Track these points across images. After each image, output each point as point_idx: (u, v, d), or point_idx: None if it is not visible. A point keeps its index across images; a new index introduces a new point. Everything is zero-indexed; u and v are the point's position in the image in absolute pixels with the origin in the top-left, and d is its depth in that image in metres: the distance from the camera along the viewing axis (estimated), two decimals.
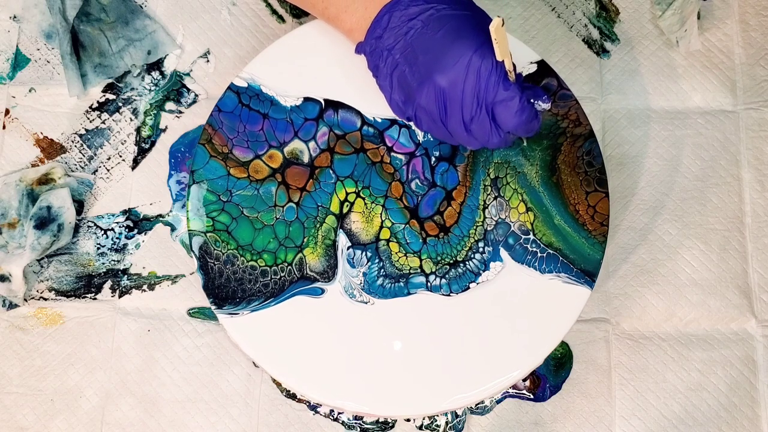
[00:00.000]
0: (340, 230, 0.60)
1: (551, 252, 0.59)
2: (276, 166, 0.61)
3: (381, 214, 0.60)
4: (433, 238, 0.60)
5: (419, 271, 0.59)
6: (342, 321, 0.58)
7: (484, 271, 0.59)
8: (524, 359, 0.57)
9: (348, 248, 0.60)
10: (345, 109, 0.62)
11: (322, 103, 0.62)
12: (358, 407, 0.56)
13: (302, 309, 0.58)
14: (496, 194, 0.61)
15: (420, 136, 0.62)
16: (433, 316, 0.58)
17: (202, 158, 0.61)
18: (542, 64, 0.64)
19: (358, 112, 0.62)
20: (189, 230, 0.60)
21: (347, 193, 0.61)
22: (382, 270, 0.59)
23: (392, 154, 0.62)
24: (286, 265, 0.59)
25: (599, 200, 0.61)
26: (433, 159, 0.61)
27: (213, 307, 0.58)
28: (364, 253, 0.60)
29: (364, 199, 0.61)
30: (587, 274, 0.59)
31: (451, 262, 0.59)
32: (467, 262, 0.59)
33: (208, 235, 0.59)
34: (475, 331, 0.58)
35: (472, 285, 0.59)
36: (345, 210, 0.60)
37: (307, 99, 0.63)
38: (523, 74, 0.62)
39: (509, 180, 0.61)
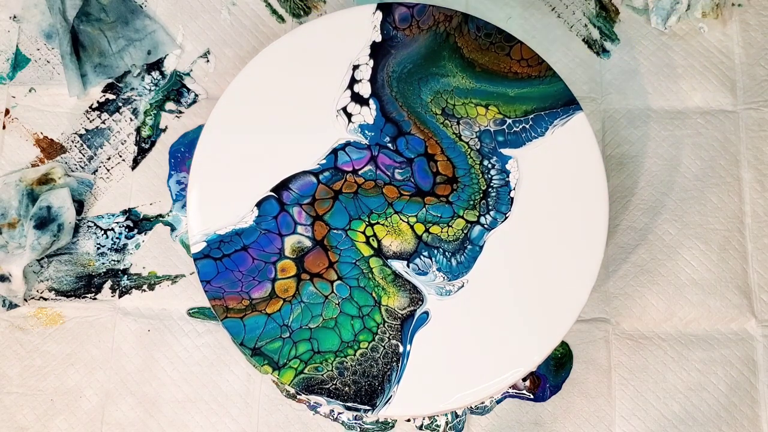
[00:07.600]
0: (389, 261, 0.59)
1: (532, 116, 0.61)
2: (294, 271, 0.59)
3: (399, 219, 0.60)
4: (453, 194, 0.60)
5: (471, 222, 0.59)
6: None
7: (507, 178, 0.60)
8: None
9: (408, 266, 0.59)
10: (294, 180, 0.60)
11: (274, 195, 0.60)
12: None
13: (429, 339, 0.57)
14: (456, 120, 0.61)
15: (364, 139, 0.61)
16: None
17: (237, 330, 0.57)
18: None
19: (306, 171, 0.61)
20: (289, 384, 0.56)
21: (364, 233, 0.60)
22: (447, 253, 0.59)
23: (360, 173, 0.61)
24: (382, 325, 0.57)
25: (519, 50, 0.62)
26: (389, 143, 0.61)
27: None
28: (422, 258, 0.59)
29: (377, 223, 0.60)
30: (570, 104, 0.61)
31: (481, 195, 0.60)
32: (491, 184, 0.60)
33: (306, 371, 0.56)
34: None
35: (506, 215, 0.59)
36: (375, 244, 0.59)
37: (259, 203, 0.60)
38: None
39: (450, 101, 0.62)
